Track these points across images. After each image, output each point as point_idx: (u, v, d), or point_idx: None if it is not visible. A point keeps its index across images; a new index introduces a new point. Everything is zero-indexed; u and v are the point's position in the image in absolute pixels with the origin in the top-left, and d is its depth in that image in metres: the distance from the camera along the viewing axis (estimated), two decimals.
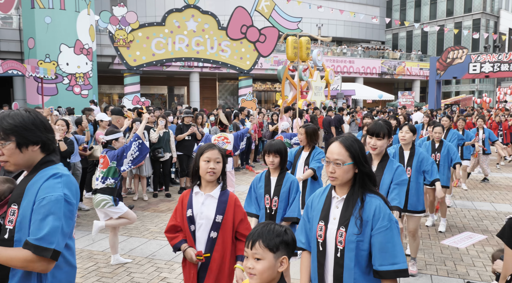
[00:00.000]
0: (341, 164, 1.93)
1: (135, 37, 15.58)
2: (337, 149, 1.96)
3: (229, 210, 2.59)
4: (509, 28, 39.39)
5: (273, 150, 3.33)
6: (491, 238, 5.48)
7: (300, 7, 24.43)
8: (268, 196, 3.38)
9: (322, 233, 2.04)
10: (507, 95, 25.06)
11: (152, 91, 32.98)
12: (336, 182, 1.99)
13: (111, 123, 7.56)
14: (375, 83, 34.26)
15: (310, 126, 4.42)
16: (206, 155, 2.55)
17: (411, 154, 4.35)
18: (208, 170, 2.52)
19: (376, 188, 2.03)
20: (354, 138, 2.00)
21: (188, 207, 2.60)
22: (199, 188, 2.63)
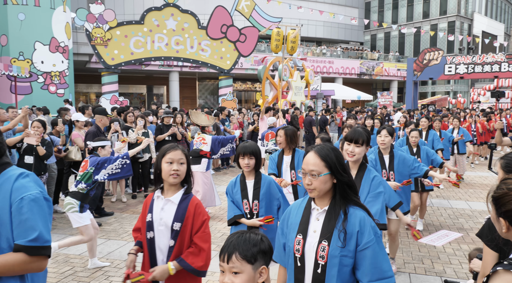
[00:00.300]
0: (316, 175, 1.83)
1: (113, 35, 15.31)
2: (313, 159, 1.86)
3: (189, 217, 2.42)
4: (482, 31, 40.54)
5: (248, 151, 3.18)
6: (467, 236, 5.62)
7: (280, 7, 24.51)
8: (246, 201, 3.26)
9: (300, 247, 1.91)
10: (480, 96, 25.79)
11: (131, 90, 32.50)
12: (314, 194, 1.88)
13: (88, 123, 7.41)
14: (354, 84, 34.70)
15: (289, 128, 4.30)
16: (169, 156, 2.40)
17: (391, 157, 4.33)
18: (171, 172, 2.37)
19: (358, 198, 1.94)
20: (330, 147, 1.92)
21: (149, 211, 2.46)
22: (161, 192, 2.49)
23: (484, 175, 10.17)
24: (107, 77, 16.01)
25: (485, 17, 41.91)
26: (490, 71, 21.30)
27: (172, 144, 2.50)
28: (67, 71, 17.72)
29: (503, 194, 1.38)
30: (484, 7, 41.97)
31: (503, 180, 1.45)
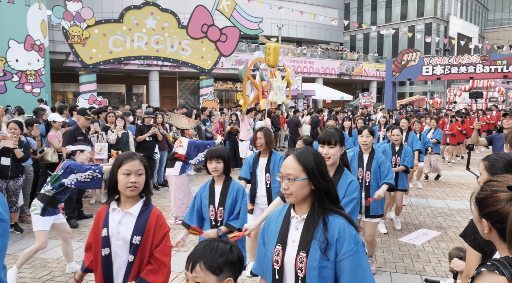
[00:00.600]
0: (293, 179, 1.75)
1: (91, 34, 15.01)
2: (291, 163, 1.79)
3: (150, 229, 2.25)
4: (458, 33, 41.55)
5: (215, 155, 3.08)
6: (445, 234, 5.73)
7: (261, 7, 24.52)
8: (212, 207, 3.13)
9: (279, 258, 1.80)
10: (456, 96, 26.43)
11: (110, 89, 31.97)
12: (291, 199, 1.80)
13: (65, 124, 7.23)
14: (334, 84, 35.05)
15: (267, 129, 4.19)
16: (125, 167, 2.21)
17: (370, 157, 4.31)
18: (129, 185, 2.19)
19: (338, 205, 1.84)
20: (312, 152, 1.84)
21: (103, 225, 2.26)
22: (117, 204, 2.30)
23: (461, 174, 10.42)
24: (85, 76, 15.68)
25: (461, 19, 42.97)
26: (466, 72, 21.85)
27: (129, 153, 2.31)
28: (43, 70, 17.27)
29: (486, 196, 1.41)
30: (460, 10, 43.04)
31: (486, 182, 1.47)
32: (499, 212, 1.34)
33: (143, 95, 33.22)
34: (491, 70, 21.30)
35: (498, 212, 1.34)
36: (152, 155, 8.09)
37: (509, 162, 2.15)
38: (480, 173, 2.23)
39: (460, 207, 7.22)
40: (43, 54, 17.32)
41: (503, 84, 28.13)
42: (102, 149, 7.09)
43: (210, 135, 11.27)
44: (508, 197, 1.34)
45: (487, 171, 2.17)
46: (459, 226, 6.11)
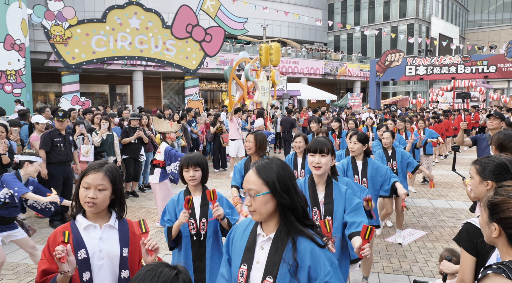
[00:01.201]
0: (254, 194, 1.59)
1: (73, 33, 14.74)
2: (251, 176, 1.63)
3: (133, 240, 2.05)
4: (439, 33, 42.28)
5: (193, 162, 2.80)
6: (431, 234, 5.82)
7: (246, 7, 24.49)
8: (193, 220, 2.81)
9: (243, 280, 1.65)
10: (438, 96, 26.88)
11: (93, 90, 31.49)
12: (256, 217, 1.63)
13: (48, 126, 7.09)
14: (318, 84, 35.27)
15: (259, 133, 4.01)
16: (86, 179, 1.93)
17: (364, 163, 4.12)
18: (87, 200, 1.90)
19: (307, 222, 1.65)
20: (276, 163, 1.66)
21: (80, 247, 1.93)
22: (87, 219, 2.00)
23: (444, 174, 10.59)
24: (67, 76, 15.39)
25: (442, 20, 43.74)
26: (448, 72, 22.27)
27: (97, 163, 2.01)
28: (24, 69, 16.89)
29: (502, 200, 1.42)
30: (441, 11, 43.79)
31: (501, 187, 1.48)
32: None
33: (127, 95, 32.84)
34: (472, 70, 21.76)
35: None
36: (138, 157, 7.99)
37: (499, 165, 2.18)
38: (471, 176, 2.25)
39: (445, 206, 7.33)
40: (24, 53, 16.93)
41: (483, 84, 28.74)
42: (89, 152, 6.98)
43: (196, 136, 11.21)
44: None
45: (479, 175, 2.19)
46: (444, 225, 6.21)
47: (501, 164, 2.18)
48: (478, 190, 2.20)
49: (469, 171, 2.30)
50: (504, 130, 4.85)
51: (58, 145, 6.08)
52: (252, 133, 4.01)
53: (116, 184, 2.00)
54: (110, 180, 1.97)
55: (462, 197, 8.04)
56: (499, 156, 2.26)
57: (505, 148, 3.21)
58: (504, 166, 2.19)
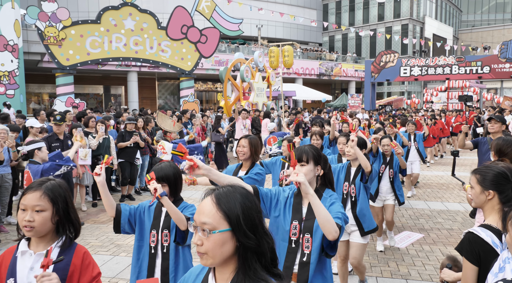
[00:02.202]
0: (208, 231, 1.22)
1: (68, 35, 14.65)
2: (208, 206, 1.25)
3: (74, 272, 1.77)
4: (433, 34, 42.51)
5: (158, 176, 2.53)
6: (427, 237, 5.83)
7: (241, 8, 24.46)
8: (155, 232, 2.57)
9: None
10: (433, 96, 27.03)
11: (87, 90, 31.32)
12: (207, 261, 1.25)
13: (43, 129, 7.03)
14: (313, 84, 35.31)
15: (253, 137, 3.67)
16: (22, 200, 1.74)
17: (357, 171, 3.88)
18: (23, 223, 1.71)
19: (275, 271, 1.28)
20: (240, 191, 1.30)
21: (9, 275, 1.72)
22: (28, 245, 1.78)
23: (440, 175, 10.64)
24: (62, 78, 15.29)
25: (435, 20, 43.97)
26: (442, 73, 22.41)
27: (38, 181, 1.81)
28: (17, 71, 16.76)
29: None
30: (434, 11, 44.03)
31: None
32: None
33: (121, 96, 32.70)
34: (466, 71, 21.90)
35: None
36: (133, 161, 7.95)
37: (499, 174, 2.18)
38: (472, 186, 2.24)
39: (441, 208, 7.36)
40: (17, 54, 16.79)
41: (477, 84, 28.93)
42: (87, 155, 6.94)
43: (192, 139, 11.16)
44: None
45: (480, 185, 2.19)
46: (441, 227, 6.23)
47: (500, 173, 2.18)
48: (479, 199, 2.20)
49: (469, 180, 2.29)
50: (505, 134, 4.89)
51: (56, 150, 6.03)
52: (245, 137, 3.69)
53: (59, 203, 1.77)
54: (50, 199, 1.75)
55: (458, 198, 8.08)
56: (496, 165, 2.26)
57: (504, 154, 3.22)
58: (504, 174, 2.19)
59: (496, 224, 2.13)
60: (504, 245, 1.99)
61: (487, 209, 2.20)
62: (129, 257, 5.06)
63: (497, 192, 2.15)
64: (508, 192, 2.17)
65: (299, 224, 2.38)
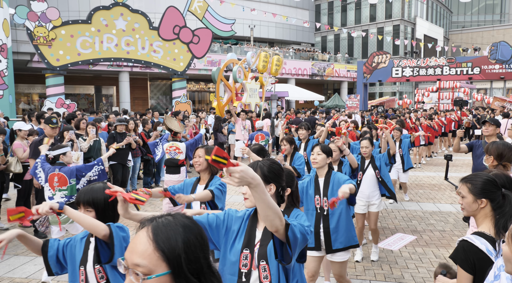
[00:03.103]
0: (141, 275, 1.01)
1: (58, 35, 14.48)
2: (142, 243, 1.03)
3: None
4: (424, 35, 42.81)
5: (83, 200, 2.22)
6: (420, 238, 5.84)
7: (234, 9, 24.42)
8: (83, 269, 2.20)
9: None
10: (424, 97, 27.22)
11: (78, 91, 31.03)
12: None
13: (32, 132, 6.91)
14: (306, 84, 35.38)
15: (210, 147, 3.37)
16: None
17: (327, 180, 3.51)
18: None
19: None
20: (182, 222, 1.08)
21: None
22: None
23: (431, 175, 10.69)
24: (51, 79, 15.11)
25: (426, 21, 44.29)
26: (433, 74, 22.59)
27: None
28: (6, 71, 16.53)
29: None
30: (425, 12, 44.35)
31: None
32: None
33: (113, 96, 32.46)
34: (457, 72, 22.09)
35: None
36: (125, 163, 7.87)
37: (488, 181, 2.18)
38: (463, 196, 2.22)
39: (433, 209, 7.39)
40: (6, 54, 16.57)
41: (467, 85, 29.19)
42: (79, 158, 6.84)
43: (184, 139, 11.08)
44: None
45: (472, 193, 2.18)
46: (433, 229, 6.25)
47: (490, 180, 2.18)
48: (472, 208, 2.20)
49: (459, 188, 2.27)
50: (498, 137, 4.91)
51: None
52: (202, 147, 3.46)
53: None
54: None
55: (450, 199, 8.11)
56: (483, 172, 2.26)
57: (504, 158, 3.21)
58: (493, 182, 2.19)
59: (489, 231, 2.12)
60: (499, 253, 1.98)
61: (479, 217, 2.19)
62: None
63: (489, 200, 2.14)
64: (498, 199, 2.16)
65: (251, 253, 1.95)
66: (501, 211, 2.13)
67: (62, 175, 4.39)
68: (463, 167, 11.75)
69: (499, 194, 2.18)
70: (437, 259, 5.07)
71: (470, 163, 5.28)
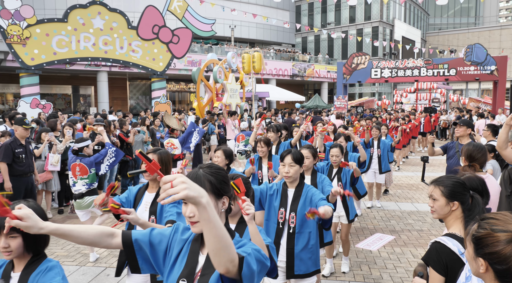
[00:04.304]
0: None
1: (32, 33, 14.09)
2: None
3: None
4: (402, 36, 43.57)
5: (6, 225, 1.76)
6: (399, 238, 5.91)
7: (214, 9, 24.28)
8: None
9: None
10: (402, 97, 27.68)
11: (54, 90, 30.30)
12: None
13: (4, 133, 6.70)
14: (286, 85, 35.51)
15: (164, 152, 2.94)
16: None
17: (298, 192, 3.09)
18: None
19: None
20: None
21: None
22: None
23: (409, 175, 10.86)
24: (26, 78, 14.68)
25: (405, 23, 45.09)
26: (411, 75, 22.99)
27: None
28: None
29: (486, 234, 1.35)
30: (403, 14, 45.15)
31: (484, 219, 1.42)
32: (500, 253, 1.29)
33: (91, 96, 31.83)
34: (434, 73, 22.54)
35: (499, 253, 1.29)
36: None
37: (459, 184, 2.21)
38: (435, 199, 2.24)
39: (411, 209, 7.50)
40: None
41: (444, 86, 29.83)
42: (58, 161, 6.68)
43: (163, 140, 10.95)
44: (508, 238, 1.29)
45: (445, 196, 2.20)
46: (411, 229, 6.33)
47: (460, 183, 2.21)
48: (444, 211, 2.22)
49: (430, 191, 2.29)
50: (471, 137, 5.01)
51: (20, 157, 5.76)
52: (154, 151, 2.94)
53: None
54: None
55: (427, 199, 8.24)
56: (453, 175, 2.29)
57: (474, 159, 3.27)
58: (463, 184, 2.22)
59: (460, 232, 2.15)
60: None
61: (450, 220, 2.21)
62: (96, 267, 4.88)
63: (460, 203, 2.17)
64: (468, 201, 2.20)
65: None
66: (470, 213, 2.17)
67: (83, 165, 5.03)
68: (440, 167, 11.98)
69: (468, 196, 2.22)
70: (415, 258, 5.14)
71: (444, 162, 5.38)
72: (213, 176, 1.62)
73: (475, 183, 2.31)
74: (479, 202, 2.20)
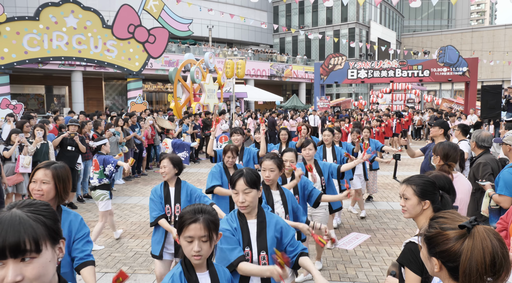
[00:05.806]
0: None
1: (2, 32, 13.64)
2: None
3: None
4: (378, 38, 44.34)
5: None
6: (374, 237, 5.99)
7: (191, 8, 24.10)
8: None
9: None
10: (378, 98, 28.17)
11: (27, 91, 29.44)
12: None
13: None
14: (265, 85, 35.57)
15: (60, 166, 2.39)
16: None
17: (261, 224, 2.46)
18: None
19: None
20: None
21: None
22: None
23: (385, 174, 11.03)
24: None
25: (380, 25, 45.90)
26: (387, 76, 23.41)
27: None
28: None
29: (436, 233, 1.36)
30: (379, 16, 45.97)
31: (434, 219, 1.44)
32: (450, 251, 1.31)
33: (65, 96, 31.08)
34: (409, 74, 23.02)
35: (449, 251, 1.31)
36: (74, 166, 7.51)
37: (429, 183, 2.24)
38: (407, 198, 2.26)
39: (386, 208, 7.61)
40: None
41: (418, 87, 30.51)
42: (30, 163, 6.47)
43: (140, 142, 10.76)
44: (457, 235, 1.31)
45: (417, 195, 2.22)
46: (386, 227, 6.43)
47: (431, 182, 2.24)
48: (416, 210, 2.24)
49: (401, 191, 2.30)
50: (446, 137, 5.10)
51: None
52: (46, 167, 2.36)
53: None
54: None
55: None
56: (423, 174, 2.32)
57: (450, 158, 3.32)
58: (433, 183, 2.25)
59: None
60: None
61: (421, 219, 2.23)
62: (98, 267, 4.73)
63: (430, 202, 2.20)
64: (438, 200, 2.23)
65: None
66: None
67: (96, 161, 5.47)
68: (414, 166, 12.21)
69: (438, 195, 2.25)
70: (390, 257, 5.21)
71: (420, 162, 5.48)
72: (45, 216, 1.17)
73: (442, 181, 2.35)
74: (448, 201, 2.23)
